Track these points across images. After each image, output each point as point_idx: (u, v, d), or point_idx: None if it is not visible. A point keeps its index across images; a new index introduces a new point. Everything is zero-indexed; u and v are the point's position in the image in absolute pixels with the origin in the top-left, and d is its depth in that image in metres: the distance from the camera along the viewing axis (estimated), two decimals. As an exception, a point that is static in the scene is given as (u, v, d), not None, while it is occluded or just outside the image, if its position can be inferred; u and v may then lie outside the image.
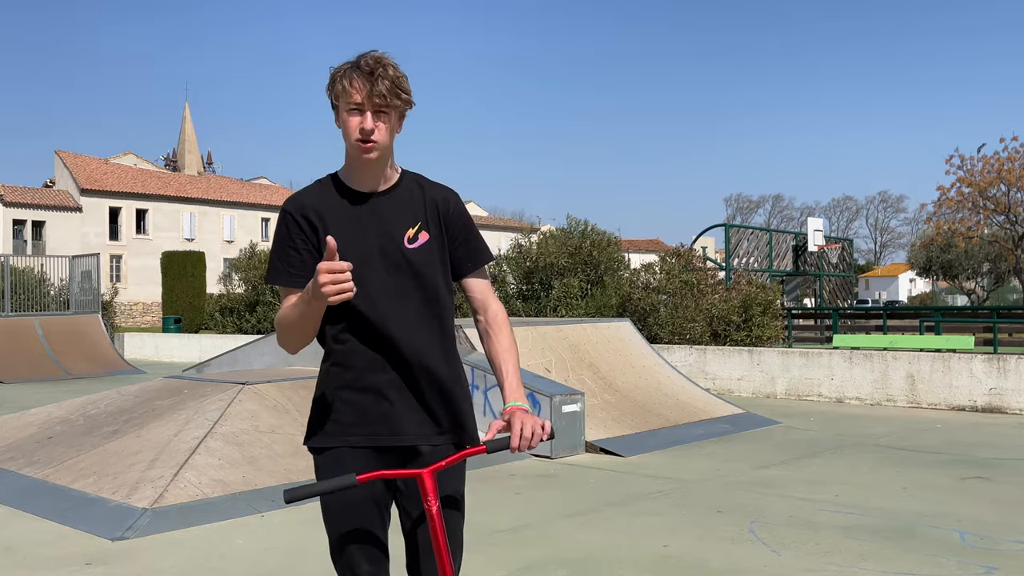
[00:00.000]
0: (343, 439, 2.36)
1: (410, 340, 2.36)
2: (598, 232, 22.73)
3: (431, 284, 2.39)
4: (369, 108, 2.25)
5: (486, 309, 2.47)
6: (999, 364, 11.35)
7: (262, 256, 28.77)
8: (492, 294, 2.49)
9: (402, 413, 2.36)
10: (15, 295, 21.48)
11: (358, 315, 2.34)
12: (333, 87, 2.30)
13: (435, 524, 2.22)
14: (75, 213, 51.45)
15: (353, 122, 2.27)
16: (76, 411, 8.43)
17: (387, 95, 2.24)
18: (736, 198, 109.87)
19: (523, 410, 2.29)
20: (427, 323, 2.39)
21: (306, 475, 6.68)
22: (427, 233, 2.40)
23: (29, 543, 5.39)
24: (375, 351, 2.36)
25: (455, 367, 2.45)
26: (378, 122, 2.27)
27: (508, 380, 2.37)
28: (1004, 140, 45.08)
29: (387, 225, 2.37)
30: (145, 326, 48.40)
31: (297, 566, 4.88)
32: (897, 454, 8.35)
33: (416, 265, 2.37)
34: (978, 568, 4.73)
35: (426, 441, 2.38)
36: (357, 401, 2.36)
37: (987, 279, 47.85)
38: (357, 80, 2.24)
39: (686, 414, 9.94)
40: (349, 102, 2.26)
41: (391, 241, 2.36)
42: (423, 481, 2.22)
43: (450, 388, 2.42)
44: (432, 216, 2.42)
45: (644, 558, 4.96)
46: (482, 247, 2.50)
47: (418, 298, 2.38)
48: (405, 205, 2.40)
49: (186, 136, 67.37)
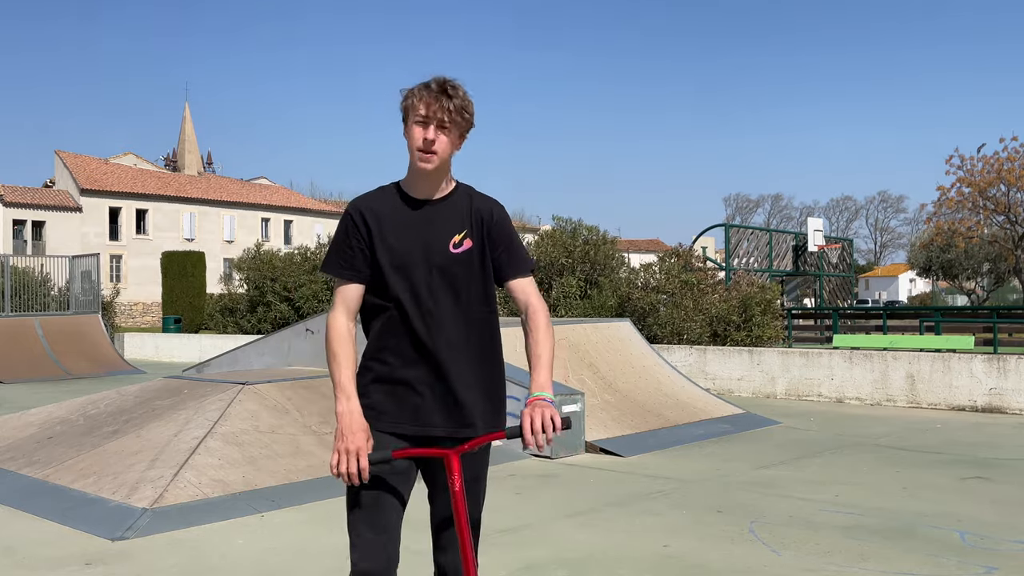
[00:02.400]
0: (375, 425, 2.58)
1: (446, 338, 2.57)
2: (590, 230, 22.71)
3: (472, 286, 2.62)
4: (434, 122, 2.49)
5: (527, 307, 2.65)
6: (999, 364, 11.35)
7: (266, 256, 28.76)
8: (534, 295, 2.68)
9: (431, 407, 2.58)
10: (15, 295, 21.48)
11: (401, 311, 2.58)
12: (406, 100, 2.54)
13: (458, 500, 2.46)
14: (75, 213, 51.45)
15: (418, 132, 2.51)
16: (76, 411, 8.44)
17: (452, 111, 2.49)
18: (736, 198, 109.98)
19: (542, 400, 2.45)
20: (466, 323, 2.60)
21: (306, 475, 6.68)
22: (471, 240, 2.62)
23: (29, 543, 5.39)
24: (412, 346, 2.58)
25: (492, 366, 2.66)
26: (440, 135, 2.51)
27: (536, 372, 2.55)
28: (1004, 140, 45.05)
29: (436, 230, 2.60)
30: (145, 326, 48.40)
31: (297, 566, 4.88)
32: (897, 454, 8.35)
33: (459, 268, 2.60)
34: (978, 568, 4.74)
35: (452, 434, 2.59)
36: (391, 392, 2.59)
37: (987, 279, 47.85)
38: (427, 96, 2.49)
39: (686, 414, 9.94)
40: (416, 115, 2.50)
41: (438, 245, 2.59)
42: (449, 461, 2.47)
43: (483, 386, 2.62)
44: (476, 225, 2.64)
45: (644, 558, 4.96)
46: (523, 254, 2.70)
47: (459, 299, 2.60)
48: (454, 214, 2.63)
49: (186, 136, 67.35)
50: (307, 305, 25.93)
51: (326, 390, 8.17)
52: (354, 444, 2.44)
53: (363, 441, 2.46)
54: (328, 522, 5.78)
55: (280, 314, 26.58)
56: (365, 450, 2.45)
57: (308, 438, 7.28)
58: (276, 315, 26.69)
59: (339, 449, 2.45)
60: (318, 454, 7.07)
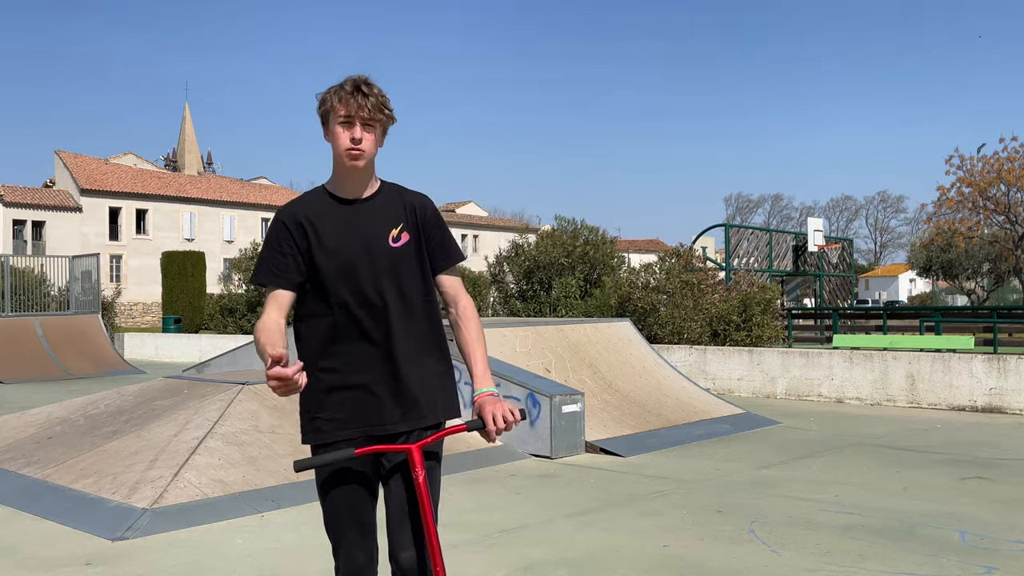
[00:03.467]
0: (339, 434, 2.59)
1: (396, 334, 2.59)
2: (591, 230, 22.72)
3: (413, 279, 2.64)
4: (358, 120, 2.53)
5: (456, 303, 2.70)
6: (999, 364, 11.35)
7: (262, 256, 28.75)
8: (462, 289, 2.73)
9: (390, 405, 2.59)
10: (15, 295, 21.48)
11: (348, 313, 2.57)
12: (323, 105, 2.58)
13: (422, 491, 2.49)
14: (75, 213, 51.44)
15: (342, 133, 2.54)
16: (76, 411, 8.43)
17: (373, 109, 2.52)
18: (736, 198, 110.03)
19: (492, 395, 2.54)
20: (412, 316, 2.63)
21: (306, 475, 6.68)
22: (408, 234, 2.65)
23: (29, 543, 5.39)
24: (362, 347, 2.58)
25: (440, 356, 2.69)
26: (364, 133, 2.54)
27: (476, 368, 2.61)
28: (1004, 140, 45.02)
29: (373, 227, 2.61)
30: (145, 326, 48.39)
31: (297, 566, 4.88)
32: (897, 454, 8.35)
33: (400, 262, 2.62)
34: (978, 568, 4.73)
35: (413, 426, 2.61)
36: (348, 399, 2.59)
37: (987, 279, 47.81)
38: (346, 97, 2.52)
39: (686, 414, 9.94)
40: (339, 116, 2.53)
41: (377, 241, 2.60)
42: (412, 455, 2.50)
43: (434, 376, 2.66)
44: (411, 219, 2.67)
45: (644, 558, 4.96)
46: (453, 247, 2.74)
47: (403, 293, 2.62)
48: (387, 209, 2.65)
49: (186, 136, 67.34)
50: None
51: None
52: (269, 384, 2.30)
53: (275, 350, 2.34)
54: (328, 522, 5.78)
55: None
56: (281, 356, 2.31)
57: (308, 438, 7.28)
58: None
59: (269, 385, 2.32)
60: (318, 454, 7.07)
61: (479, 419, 2.50)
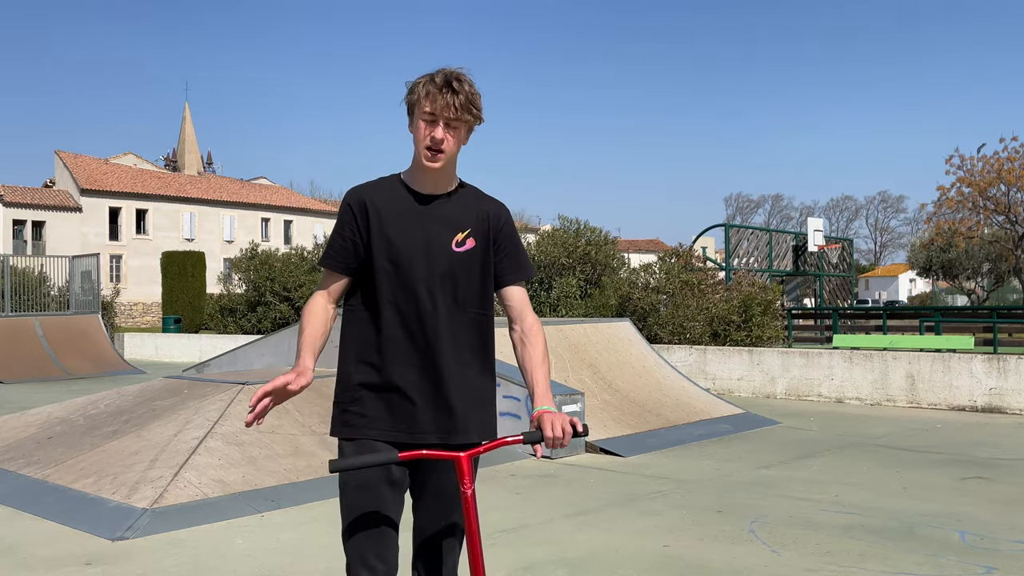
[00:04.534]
0: (367, 432, 2.47)
1: (442, 341, 2.47)
2: (593, 230, 22.73)
3: (471, 288, 2.51)
4: (442, 119, 2.39)
5: (522, 320, 2.56)
6: (999, 364, 11.35)
7: (263, 256, 28.76)
8: (529, 306, 2.59)
9: (424, 414, 2.47)
10: (15, 295, 21.48)
11: (395, 311, 2.46)
12: (411, 95, 2.43)
13: (469, 505, 2.32)
14: (75, 213, 51.44)
15: (425, 130, 2.40)
16: (76, 411, 8.43)
17: (460, 109, 2.38)
18: (736, 198, 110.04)
19: (551, 412, 2.40)
20: (462, 325, 2.50)
21: (306, 475, 6.68)
22: (474, 240, 2.52)
23: (29, 543, 5.39)
24: (405, 348, 2.46)
25: (485, 372, 2.57)
26: (448, 133, 2.41)
27: (538, 388, 2.47)
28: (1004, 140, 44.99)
29: (439, 227, 2.49)
30: (145, 326, 48.39)
31: (297, 566, 4.88)
32: (897, 454, 8.35)
33: (459, 268, 2.49)
34: (978, 568, 4.73)
35: (444, 440, 2.48)
36: (382, 399, 2.47)
37: (987, 279, 47.81)
38: (434, 92, 2.37)
39: (686, 414, 9.94)
40: (424, 111, 2.39)
41: (440, 242, 2.48)
42: (460, 464, 2.33)
43: (475, 392, 2.53)
44: (482, 226, 2.54)
45: (644, 558, 4.96)
46: (525, 262, 2.61)
47: (456, 300, 2.49)
48: (459, 212, 2.52)
49: (186, 136, 67.34)
50: (307, 305, 25.90)
51: (326, 390, 8.17)
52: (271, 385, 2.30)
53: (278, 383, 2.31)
54: (328, 522, 5.78)
55: (280, 314, 26.58)
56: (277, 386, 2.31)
57: (308, 438, 7.28)
58: (276, 315, 26.70)
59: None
60: (318, 454, 7.07)
61: (537, 431, 2.38)
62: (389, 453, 2.30)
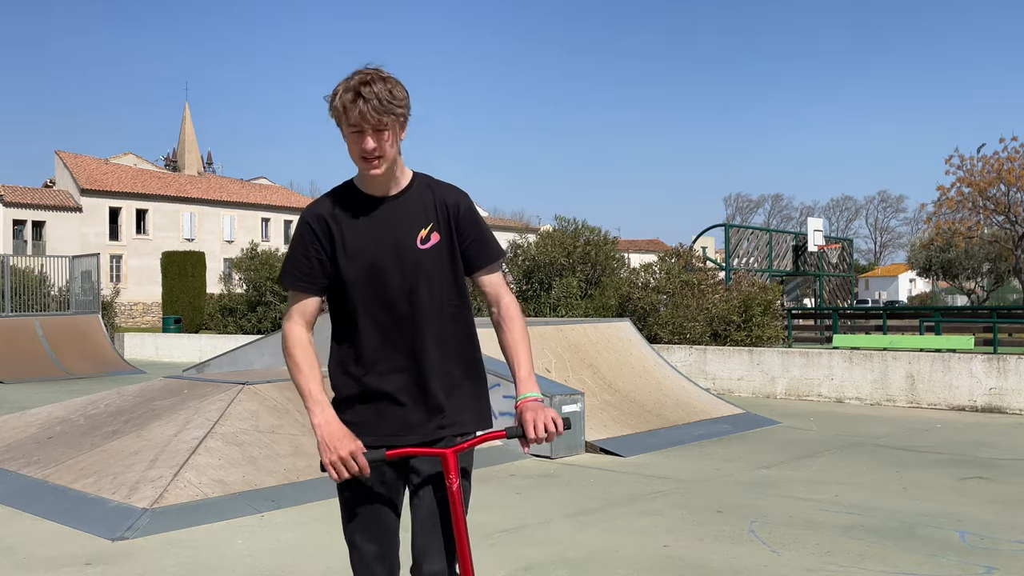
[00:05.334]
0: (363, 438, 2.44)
1: (422, 340, 2.46)
2: (592, 230, 22.73)
3: (444, 283, 2.50)
4: (368, 128, 2.33)
5: (498, 302, 2.54)
6: (999, 364, 11.35)
7: (263, 256, 28.77)
8: (504, 288, 2.57)
9: (414, 413, 2.47)
10: (15, 295, 21.48)
11: (373, 317, 2.46)
12: (332, 112, 2.38)
13: (455, 499, 2.36)
14: (75, 213, 51.46)
15: (354, 144, 2.37)
16: (76, 411, 8.43)
17: (379, 114, 2.31)
18: (736, 198, 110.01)
19: (535, 401, 2.40)
20: (441, 321, 2.49)
21: (306, 475, 6.68)
22: (438, 234, 2.49)
23: (29, 543, 5.39)
24: (387, 353, 2.46)
25: (472, 365, 2.56)
26: (378, 139, 2.35)
27: (520, 371, 2.47)
28: (1004, 140, 44.94)
29: (400, 227, 2.46)
30: (145, 326, 48.39)
31: (297, 566, 4.88)
32: (897, 454, 8.35)
33: (429, 265, 2.47)
34: (978, 568, 4.74)
35: (437, 436, 2.48)
36: (371, 406, 2.48)
37: (987, 279, 47.82)
38: (350, 104, 2.31)
39: (686, 414, 9.95)
40: (348, 125, 2.35)
41: (404, 242, 2.45)
42: (446, 460, 2.36)
43: (463, 386, 2.53)
44: (443, 217, 2.50)
45: (644, 558, 4.96)
46: (492, 245, 2.57)
47: (432, 297, 2.48)
48: (417, 207, 2.49)
49: (186, 136, 67.34)
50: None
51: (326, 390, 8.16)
52: (346, 449, 2.32)
53: (353, 444, 2.34)
54: (328, 522, 5.78)
55: (280, 314, 26.59)
56: (359, 451, 2.34)
57: (308, 438, 7.28)
58: (276, 315, 26.71)
59: (331, 461, 2.32)
60: (318, 454, 7.07)
61: (519, 426, 2.37)
62: (377, 452, 2.35)
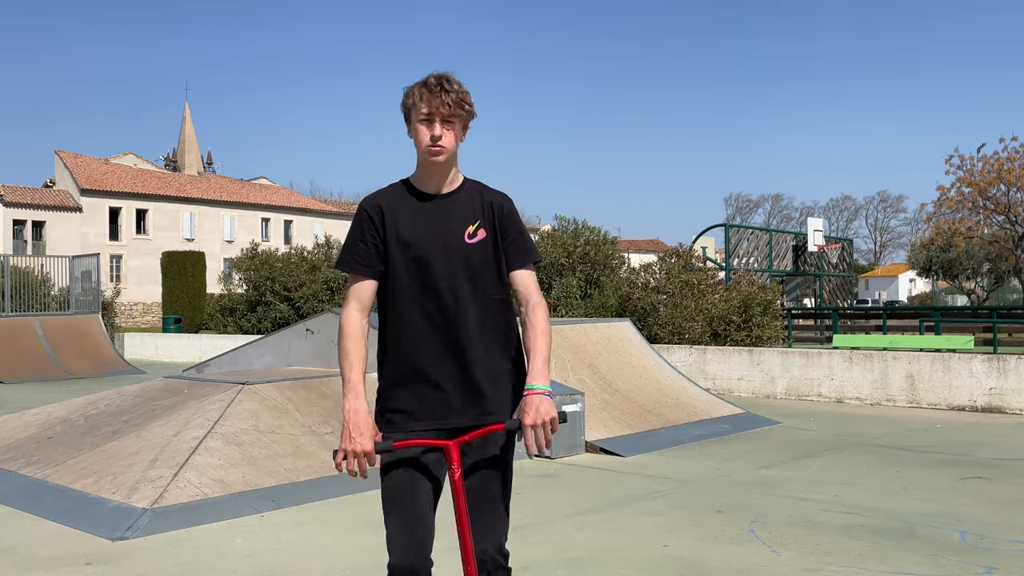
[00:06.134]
0: (408, 427, 2.63)
1: (468, 331, 2.63)
2: (591, 230, 22.73)
3: (489, 276, 2.68)
4: (437, 118, 2.57)
5: (527, 300, 2.70)
6: (999, 364, 11.35)
7: (263, 256, 28.75)
8: (535, 288, 2.74)
9: (456, 399, 2.63)
10: (15, 295, 21.48)
11: (420, 305, 2.63)
12: (406, 101, 2.62)
13: (457, 489, 2.53)
14: (75, 213, 51.45)
15: (424, 130, 2.59)
16: (76, 411, 8.43)
17: (452, 106, 2.57)
18: (736, 198, 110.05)
19: (540, 395, 2.52)
20: (484, 312, 2.67)
21: (306, 475, 6.68)
22: (485, 230, 2.70)
23: (29, 543, 5.39)
24: (433, 341, 2.63)
25: (513, 355, 2.72)
26: (445, 129, 2.59)
27: (534, 361, 2.60)
28: (1004, 140, 44.99)
29: (451, 222, 2.67)
30: (145, 326, 48.38)
31: (297, 566, 4.88)
32: (897, 454, 8.35)
33: (475, 258, 2.66)
34: (978, 568, 4.74)
35: (478, 422, 2.64)
36: (417, 393, 2.64)
37: (987, 279, 47.81)
38: (427, 94, 2.57)
39: (686, 414, 9.95)
40: (420, 114, 2.58)
41: (453, 236, 2.65)
42: (449, 451, 2.55)
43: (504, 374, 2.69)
44: (488, 217, 2.71)
45: (644, 558, 4.96)
46: (529, 246, 2.76)
47: (476, 289, 2.66)
48: (467, 206, 2.70)
49: (186, 136, 67.34)
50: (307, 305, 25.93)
51: (326, 390, 8.16)
52: (361, 447, 2.49)
53: (370, 444, 2.50)
54: (328, 522, 5.78)
55: (280, 314, 26.58)
56: (372, 454, 2.51)
57: (308, 438, 7.28)
58: (276, 315, 26.69)
59: (346, 449, 2.50)
60: (318, 454, 7.07)
61: (517, 419, 2.52)
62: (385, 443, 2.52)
